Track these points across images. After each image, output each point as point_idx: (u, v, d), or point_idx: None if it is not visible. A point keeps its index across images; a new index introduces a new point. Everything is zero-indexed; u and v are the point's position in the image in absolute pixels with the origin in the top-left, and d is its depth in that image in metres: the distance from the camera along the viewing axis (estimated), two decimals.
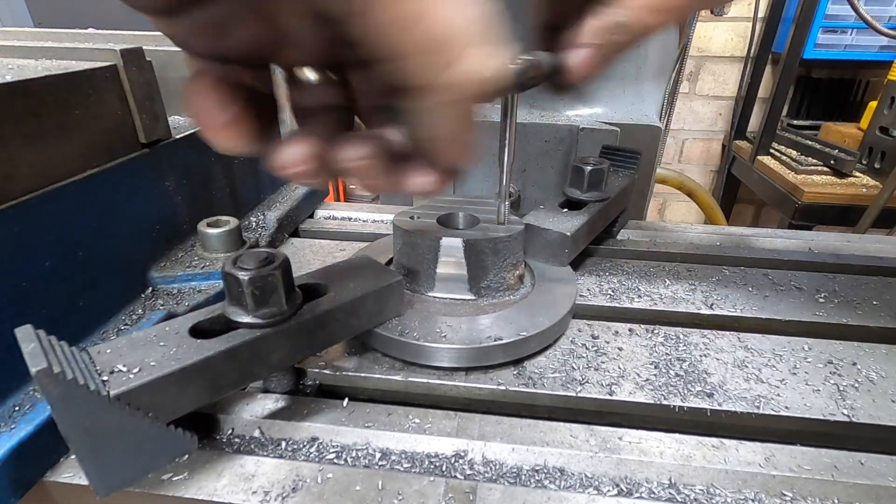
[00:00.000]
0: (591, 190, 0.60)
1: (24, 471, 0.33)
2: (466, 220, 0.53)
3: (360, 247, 0.65)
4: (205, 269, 0.51)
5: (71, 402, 0.27)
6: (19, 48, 0.48)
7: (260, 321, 0.34)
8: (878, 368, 0.44)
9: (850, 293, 0.56)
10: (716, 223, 2.16)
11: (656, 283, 0.58)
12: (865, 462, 0.36)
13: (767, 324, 0.52)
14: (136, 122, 0.48)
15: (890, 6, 2.04)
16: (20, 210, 0.36)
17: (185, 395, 0.32)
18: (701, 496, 0.33)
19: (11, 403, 0.35)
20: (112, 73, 0.45)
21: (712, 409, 0.40)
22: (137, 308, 0.48)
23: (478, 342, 0.42)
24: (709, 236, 0.71)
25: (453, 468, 0.35)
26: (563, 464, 0.36)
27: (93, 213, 0.43)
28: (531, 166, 0.87)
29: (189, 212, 0.57)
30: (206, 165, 0.60)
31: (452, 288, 0.49)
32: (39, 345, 0.27)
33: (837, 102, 2.47)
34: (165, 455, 0.33)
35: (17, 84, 0.36)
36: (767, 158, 2.15)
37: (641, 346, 0.47)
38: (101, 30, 0.52)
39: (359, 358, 0.45)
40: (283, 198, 0.74)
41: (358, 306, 0.40)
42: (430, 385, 0.43)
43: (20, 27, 1.83)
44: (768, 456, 0.36)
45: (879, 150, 1.85)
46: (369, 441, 0.38)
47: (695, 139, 2.72)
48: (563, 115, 0.89)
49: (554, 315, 0.46)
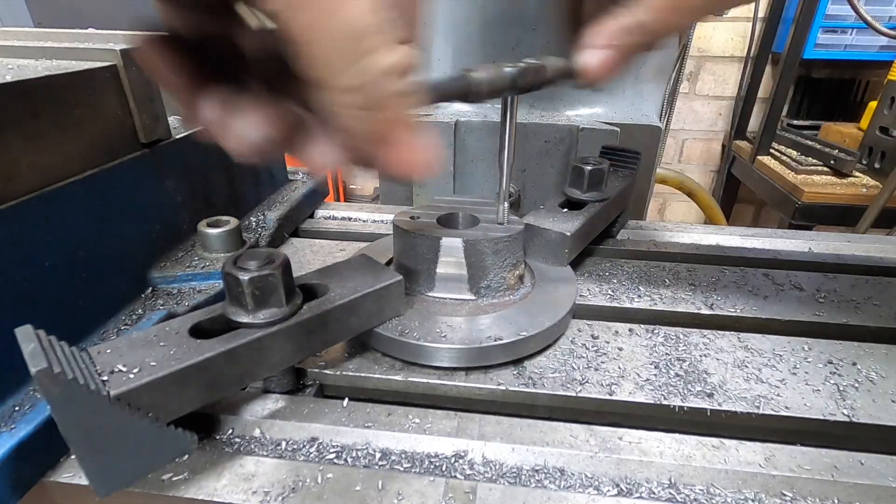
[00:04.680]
0: (591, 190, 0.60)
1: (24, 471, 0.33)
2: (466, 221, 0.53)
3: (360, 247, 0.65)
4: (205, 269, 0.51)
5: (71, 402, 0.27)
6: (19, 48, 0.48)
7: (260, 321, 0.34)
8: (878, 368, 0.44)
9: (850, 293, 0.56)
10: (716, 223, 2.16)
11: (656, 283, 0.58)
12: (865, 462, 0.36)
13: (767, 324, 0.52)
14: (136, 122, 0.48)
15: (890, 6, 2.04)
16: (20, 210, 0.36)
17: (185, 395, 0.32)
18: (701, 496, 0.33)
19: (11, 403, 0.35)
20: (112, 73, 0.45)
21: (712, 409, 0.40)
22: (137, 308, 0.48)
23: (478, 342, 0.42)
24: (709, 236, 0.71)
25: (453, 468, 0.35)
26: (563, 464, 0.36)
27: (93, 213, 0.43)
28: (531, 166, 0.87)
29: (189, 212, 0.57)
30: (206, 165, 0.60)
31: (452, 288, 0.49)
32: (39, 345, 0.27)
33: (837, 102, 2.47)
34: (165, 455, 0.33)
35: (17, 84, 0.36)
36: (767, 158, 2.15)
37: (641, 346, 0.47)
38: (101, 30, 0.52)
39: (359, 358, 0.45)
40: (283, 198, 0.74)
41: (358, 306, 0.40)
42: (430, 385, 0.43)
43: (20, 27, 1.83)
44: (768, 456, 0.36)
45: (879, 150, 1.85)
46: (369, 441, 0.38)
47: (695, 139, 2.72)
48: (563, 115, 0.89)
49: (554, 315, 0.46)
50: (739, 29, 2.40)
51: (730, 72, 2.52)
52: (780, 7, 2.23)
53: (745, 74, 2.44)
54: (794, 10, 1.94)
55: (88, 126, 0.43)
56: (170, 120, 0.54)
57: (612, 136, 0.82)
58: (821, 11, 2.02)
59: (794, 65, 1.99)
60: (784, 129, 2.25)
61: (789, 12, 2.18)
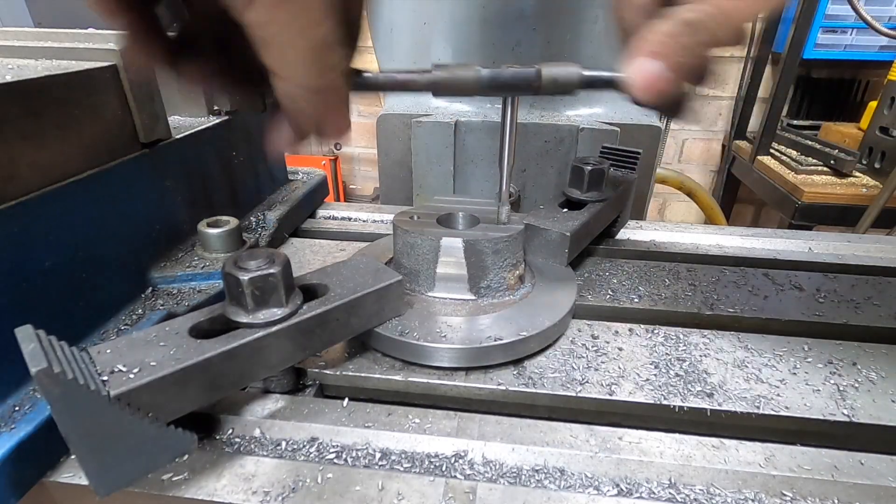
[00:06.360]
0: (591, 190, 0.60)
1: (24, 471, 0.33)
2: (466, 221, 0.53)
3: (360, 247, 0.65)
4: (205, 269, 0.51)
5: (71, 402, 0.27)
6: (19, 48, 0.48)
7: (260, 321, 0.34)
8: (878, 368, 0.44)
9: (850, 293, 0.56)
10: (716, 223, 2.16)
11: (656, 283, 0.58)
12: (865, 462, 0.36)
13: (767, 324, 0.52)
14: (136, 122, 0.48)
15: (890, 6, 2.04)
16: (20, 210, 0.36)
17: (185, 395, 0.32)
18: (701, 496, 0.33)
19: (11, 403, 0.35)
20: (112, 73, 0.45)
21: (712, 409, 0.40)
22: (137, 308, 0.48)
23: (478, 342, 0.42)
24: (709, 236, 0.71)
25: (453, 468, 0.35)
26: (563, 464, 0.36)
27: (93, 213, 0.43)
28: (531, 166, 0.87)
29: (189, 212, 0.57)
30: (206, 165, 0.60)
31: (452, 288, 0.49)
32: (39, 345, 0.27)
33: (837, 102, 2.47)
34: (165, 455, 0.33)
35: (17, 84, 0.36)
36: (767, 158, 2.15)
37: (641, 346, 0.47)
38: (101, 30, 0.52)
39: (359, 358, 0.45)
40: (283, 198, 0.74)
41: (358, 306, 0.40)
42: (430, 385, 0.43)
43: (20, 27, 1.83)
44: (768, 456, 0.36)
45: (879, 150, 1.85)
46: (369, 441, 0.38)
47: (695, 139, 2.72)
48: (563, 115, 0.89)
49: (554, 315, 0.46)
50: None
51: (730, 72, 2.52)
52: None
53: (745, 74, 2.44)
54: (794, 10, 1.94)
55: (88, 126, 0.43)
56: (170, 120, 0.54)
57: (612, 136, 0.82)
58: (821, 11, 2.02)
59: (794, 65, 1.99)
60: (784, 129, 2.25)
61: (789, 12, 2.18)
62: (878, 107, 1.86)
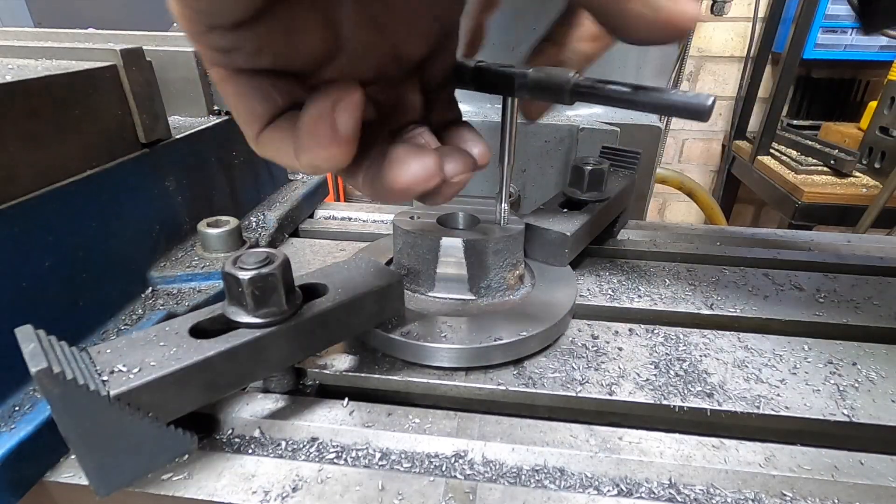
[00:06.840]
0: (591, 190, 0.60)
1: (24, 471, 0.33)
2: (466, 221, 0.53)
3: (360, 247, 0.65)
4: (205, 269, 0.51)
5: (71, 402, 0.27)
6: (19, 48, 0.48)
7: (260, 321, 0.34)
8: (878, 368, 0.44)
9: (850, 293, 0.56)
10: (716, 223, 2.16)
11: (656, 283, 0.58)
12: (865, 462, 0.36)
13: (767, 324, 0.52)
14: (136, 122, 0.48)
15: None
16: (20, 210, 0.36)
17: (185, 395, 0.32)
18: (701, 496, 0.33)
19: (11, 403, 0.35)
20: (112, 73, 0.45)
21: (712, 409, 0.40)
22: (137, 308, 0.48)
23: (478, 342, 0.42)
24: (709, 236, 0.71)
25: (453, 468, 0.35)
26: (563, 464, 0.36)
27: (93, 213, 0.43)
28: (531, 166, 0.87)
29: (189, 212, 0.57)
30: (206, 165, 0.60)
31: (452, 288, 0.49)
32: (39, 345, 0.27)
33: (837, 102, 2.47)
34: (165, 455, 0.33)
35: (17, 84, 0.36)
36: (767, 158, 2.14)
37: (641, 346, 0.47)
38: (101, 30, 0.53)
39: (359, 358, 0.45)
40: (283, 198, 0.74)
41: (358, 306, 0.40)
42: (430, 385, 0.43)
43: (20, 27, 1.83)
44: (768, 456, 0.36)
45: (879, 150, 1.85)
46: (369, 441, 0.38)
47: (695, 139, 2.72)
48: (563, 115, 0.89)
49: (554, 315, 0.46)
50: (739, 29, 2.40)
51: (730, 72, 2.52)
52: (780, 7, 2.22)
53: (745, 74, 2.44)
54: (794, 10, 1.94)
55: (88, 126, 0.43)
56: (170, 120, 0.54)
57: (611, 136, 0.82)
58: (821, 11, 2.02)
59: (794, 65, 1.99)
60: (784, 129, 2.25)
61: (789, 12, 2.18)
62: (877, 107, 1.85)
